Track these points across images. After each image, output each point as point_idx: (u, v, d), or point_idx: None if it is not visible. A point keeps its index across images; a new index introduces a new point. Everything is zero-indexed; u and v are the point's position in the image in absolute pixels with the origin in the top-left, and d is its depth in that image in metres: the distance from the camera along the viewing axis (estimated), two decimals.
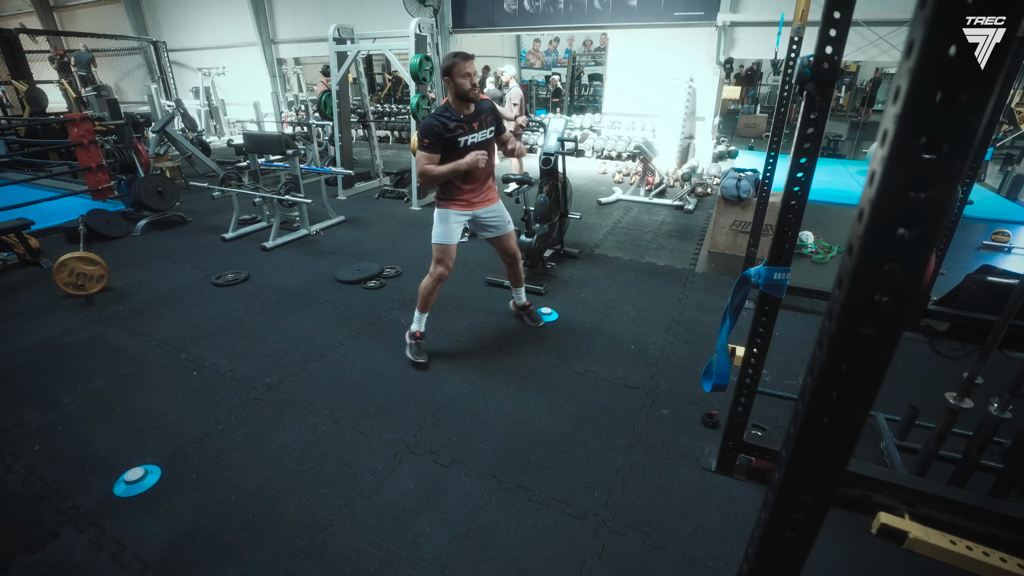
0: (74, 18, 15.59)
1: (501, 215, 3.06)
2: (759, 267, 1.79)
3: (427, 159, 2.66)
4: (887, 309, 0.50)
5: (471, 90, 2.64)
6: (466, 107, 2.71)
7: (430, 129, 2.63)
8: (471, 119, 2.73)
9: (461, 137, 2.70)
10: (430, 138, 2.64)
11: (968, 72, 0.39)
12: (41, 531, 1.94)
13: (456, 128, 2.68)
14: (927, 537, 1.83)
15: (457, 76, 2.61)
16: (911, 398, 2.39)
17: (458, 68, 2.61)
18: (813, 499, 0.64)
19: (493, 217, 3.02)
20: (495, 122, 2.89)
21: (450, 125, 2.66)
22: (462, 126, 2.70)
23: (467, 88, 2.63)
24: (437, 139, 2.64)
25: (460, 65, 2.61)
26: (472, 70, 2.64)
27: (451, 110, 2.69)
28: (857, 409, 0.56)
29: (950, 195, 0.44)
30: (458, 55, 2.62)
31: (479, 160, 2.70)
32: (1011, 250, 5.00)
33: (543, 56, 17.58)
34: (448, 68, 2.63)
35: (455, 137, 2.68)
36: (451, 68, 2.61)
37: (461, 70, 2.61)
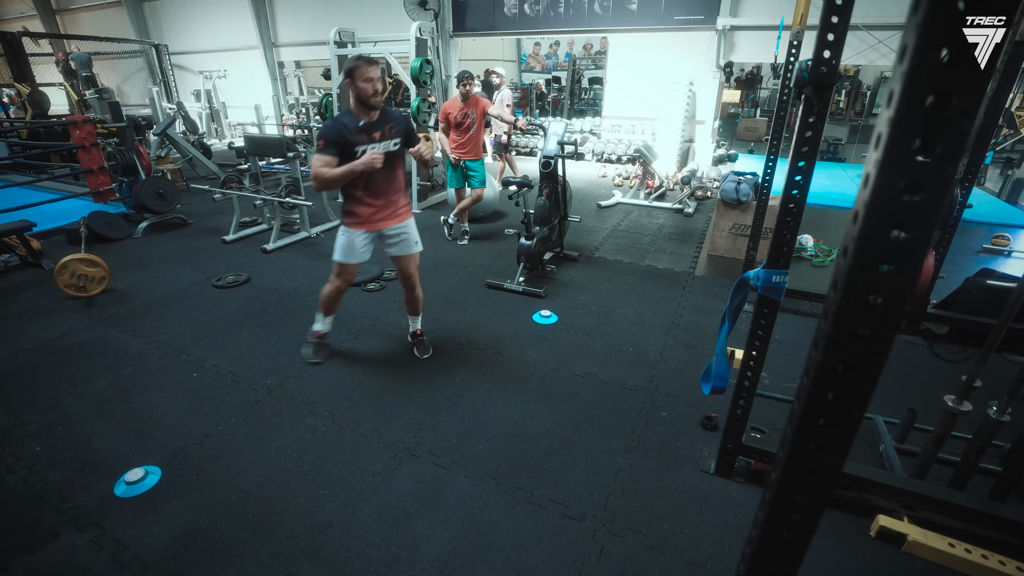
0: (77, 21, 15.64)
1: (408, 234, 2.87)
2: (758, 270, 1.79)
3: (322, 162, 2.49)
4: (882, 310, 0.50)
5: (373, 96, 2.49)
6: (368, 114, 2.56)
7: (328, 132, 2.51)
8: (373, 128, 2.57)
9: (359, 146, 2.54)
10: (327, 140, 2.49)
11: (960, 76, 0.40)
12: (42, 531, 1.94)
13: (355, 135, 2.53)
14: (926, 540, 1.84)
15: (359, 80, 2.46)
16: (910, 401, 2.40)
17: (360, 72, 2.46)
18: (809, 500, 0.65)
19: (399, 235, 2.84)
20: (403, 134, 2.70)
21: (348, 131, 2.52)
22: (361, 134, 2.54)
23: (369, 94, 2.48)
24: (334, 142, 2.49)
25: (363, 69, 2.45)
26: (376, 75, 2.49)
27: (351, 115, 2.56)
28: (853, 409, 0.57)
29: (943, 197, 0.45)
30: (361, 58, 2.48)
31: (375, 160, 2.51)
32: (1011, 254, 5.01)
33: (543, 60, 17.63)
34: (350, 71, 2.47)
35: (352, 145, 2.52)
36: (353, 71, 2.46)
37: (364, 74, 2.46)
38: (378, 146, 2.60)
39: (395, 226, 2.82)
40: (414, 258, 2.94)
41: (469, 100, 4.78)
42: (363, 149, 2.55)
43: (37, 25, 15.31)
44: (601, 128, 9.97)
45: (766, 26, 7.47)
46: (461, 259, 4.76)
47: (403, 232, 2.85)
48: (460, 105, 4.79)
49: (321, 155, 2.49)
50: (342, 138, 2.50)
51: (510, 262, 4.53)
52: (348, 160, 2.52)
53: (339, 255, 2.80)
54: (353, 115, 2.55)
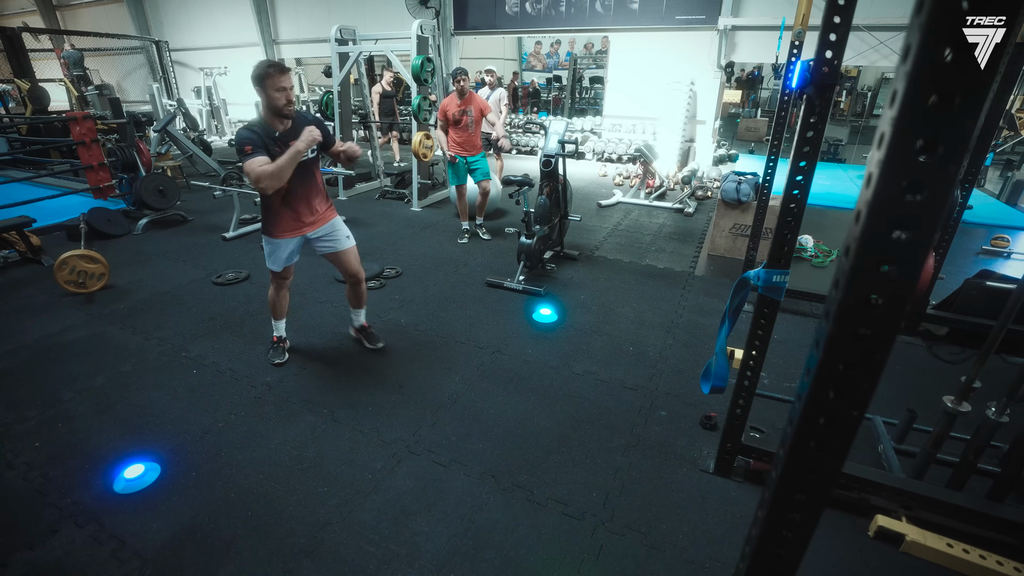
0: (77, 17, 15.62)
1: (336, 231, 2.81)
2: (758, 270, 1.79)
3: (260, 161, 2.35)
4: (883, 310, 0.51)
5: (286, 106, 2.39)
6: (282, 123, 2.46)
7: (248, 138, 2.35)
8: (288, 136, 2.46)
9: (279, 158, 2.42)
10: (253, 143, 2.35)
11: (963, 76, 0.40)
12: (41, 527, 1.94)
13: (272, 147, 2.42)
14: (924, 540, 1.84)
15: (270, 89, 2.32)
16: (909, 402, 2.40)
17: (272, 81, 2.31)
18: (809, 499, 0.65)
19: (327, 235, 2.78)
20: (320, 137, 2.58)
21: (263, 140, 2.40)
22: (279, 145, 2.44)
23: (281, 104, 2.37)
24: (259, 144, 2.37)
25: (274, 78, 2.31)
26: (289, 84, 2.37)
27: (263, 126, 2.43)
28: (853, 408, 0.57)
29: (946, 197, 0.45)
30: (273, 65, 2.33)
31: (313, 137, 2.40)
32: (1010, 255, 5.01)
33: (544, 58, 17.61)
34: (260, 77, 2.31)
35: (270, 155, 2.41)
36: (263, 79, 2.31)
37: (275, 83, 2.32)
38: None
39: (319, 229, 2.75)
40: (351, 252, 2.87)
41: (466, 97, 4.79)
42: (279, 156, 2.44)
43: (37, 20, 15.29)
44: (602, 127, 9.96)
45: (767, 26, 7.48)
46: (461, 258, 4.76)
47: (329, 232, 2.78)
48: (458, 102, 4.80)
49: (255, 157, 2.34)
50: (266, 142, 2.41)
51: (510, 261, 4.53)
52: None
53: (271, 263, 2.77)
54: (266, 125, 2.44)
